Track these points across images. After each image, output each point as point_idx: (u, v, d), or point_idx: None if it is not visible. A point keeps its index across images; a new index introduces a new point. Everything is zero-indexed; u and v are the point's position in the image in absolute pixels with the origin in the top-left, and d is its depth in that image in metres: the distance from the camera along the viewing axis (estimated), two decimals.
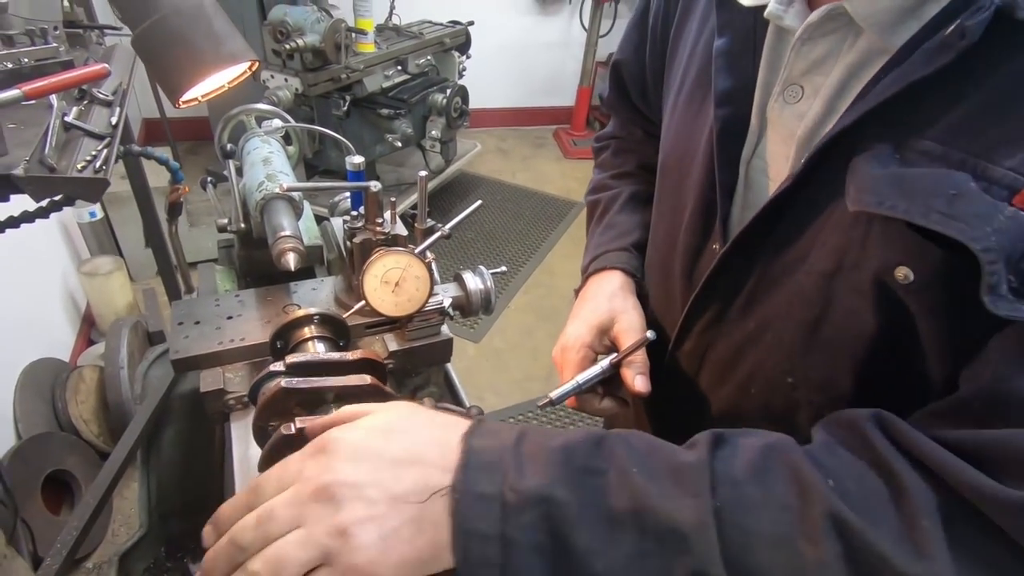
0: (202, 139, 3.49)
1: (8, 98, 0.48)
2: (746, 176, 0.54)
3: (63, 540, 0.92)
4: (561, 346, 0.69)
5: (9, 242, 1.33)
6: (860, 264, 0.44)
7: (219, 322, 0.75)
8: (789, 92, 0.49)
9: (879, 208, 0.40)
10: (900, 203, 0.39)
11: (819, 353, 0.49)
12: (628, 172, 0.84)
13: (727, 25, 0.52)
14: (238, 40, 0.64)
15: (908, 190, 0.39)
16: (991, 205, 0.36)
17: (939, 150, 0.39)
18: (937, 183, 0.38)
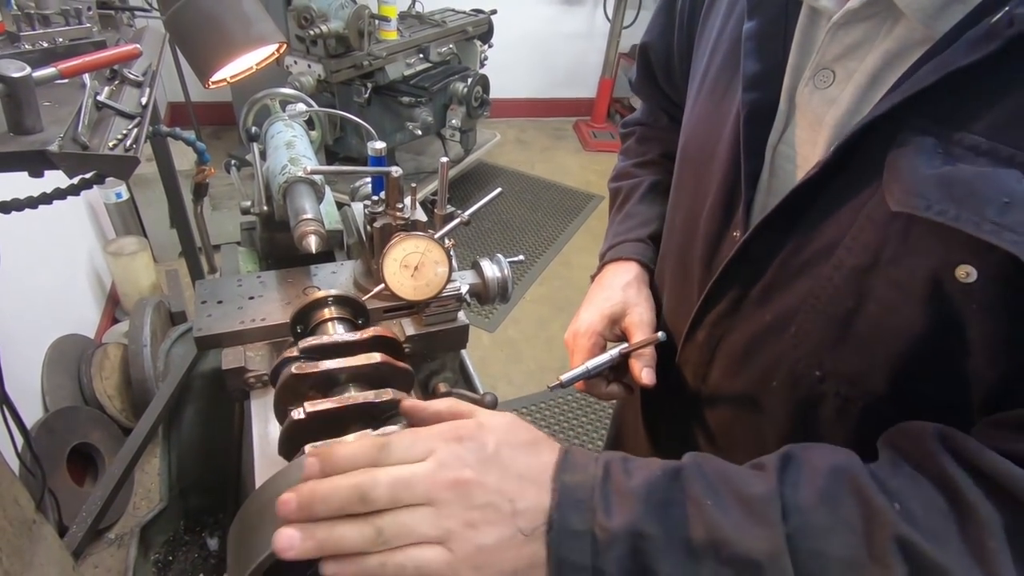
0: (224, 124, 3.53)
1: (45, 76, 0.49)
2: (771, 162, 0.53)
3: (88, 509, 0.95)
4: (573, 331, 0.72)
5: (39, 221, 1.37)
6: (900, 260, 0.42)
7: (241, 302, 0.76)
8: (820, 77, 0.47)
9: (927, 213, 0.39)
10: (950, 208, 0.38)
11: (851, 347, 0.48)
12: (651, 161, 0.83)
13: (757, 7, 0.51)
14: (267, 22, 0.65)
15: (959, 195, 0.38)
16: None
17: (986, 145, 0.37)
18: (989, 187, 0.37)
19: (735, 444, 0.61)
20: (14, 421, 0.96)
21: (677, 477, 0.41)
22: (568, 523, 0.39)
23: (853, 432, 0.50)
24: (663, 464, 0.42)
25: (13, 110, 0.48)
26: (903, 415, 0.45)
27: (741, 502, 0.39)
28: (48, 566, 0.68)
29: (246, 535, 0.41)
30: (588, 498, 0.40)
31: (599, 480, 0.41)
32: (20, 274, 1.57)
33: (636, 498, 0.40)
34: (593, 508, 0.39)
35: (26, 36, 0.65)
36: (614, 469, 0.42)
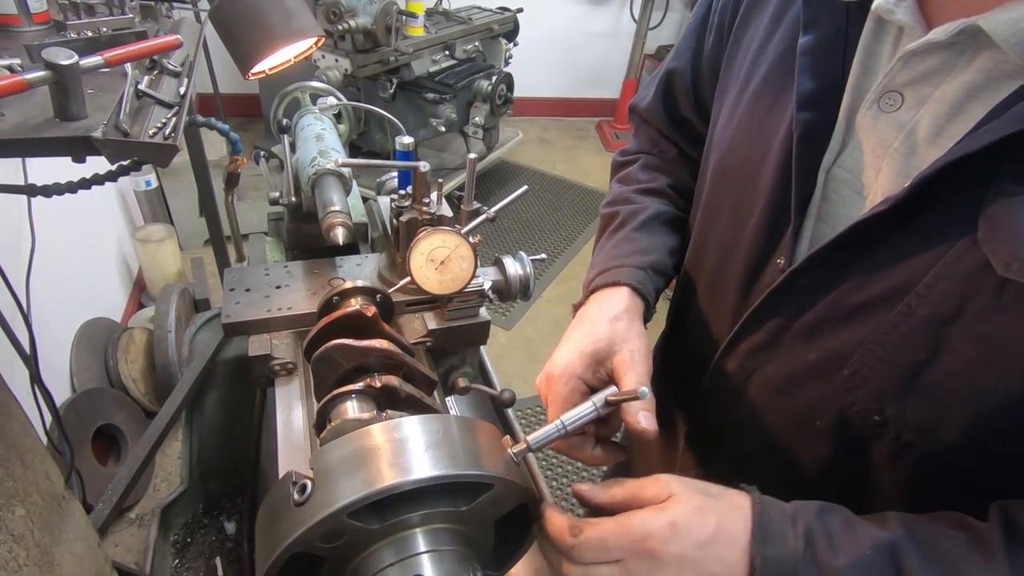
0: (251, 116, 3.58)
1: (91, 64, 0.51)
2: (824, 186, 0.49)
3: (114, 488, 0.98)
4: (547, 373, 0.57)
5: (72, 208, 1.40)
6: (990, 315, 0.38)
7: (268, 291, 0.77)
8: (886, 99, 0.44)
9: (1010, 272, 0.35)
10: None
11: (923, 397, 0.43)
12: (656, 189, 0.74)
13: (814, 21, 0.48)
14: (307, 15, 0.66)
15: None
16: None
17: None
18: None
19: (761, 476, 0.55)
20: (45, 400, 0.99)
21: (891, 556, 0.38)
22: None
23: (908, 475, 0.47)
24: (873, 537, 0.39)
25: (60, 97, 0.50)
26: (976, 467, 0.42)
27: None
28: (75, 541, 0.70)
29: (273, 519, 0.42)
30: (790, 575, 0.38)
31: (800, 555, 0.39)
32: (54, 258, 1.61)
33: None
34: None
35: (72, 25, 0.67)
36: (817, 542, 0.39)
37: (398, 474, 0.40)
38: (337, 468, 0.41)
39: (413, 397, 0.55)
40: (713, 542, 0.40)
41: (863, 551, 0.38)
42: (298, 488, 0.41)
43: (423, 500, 0.44)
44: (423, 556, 0.43)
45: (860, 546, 0.39)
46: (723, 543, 0.40)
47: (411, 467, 0.41)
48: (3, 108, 0.51)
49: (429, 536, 0.44)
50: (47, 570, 0.62)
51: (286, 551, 0.39)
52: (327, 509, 0.39)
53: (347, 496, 0.39)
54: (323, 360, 0.56)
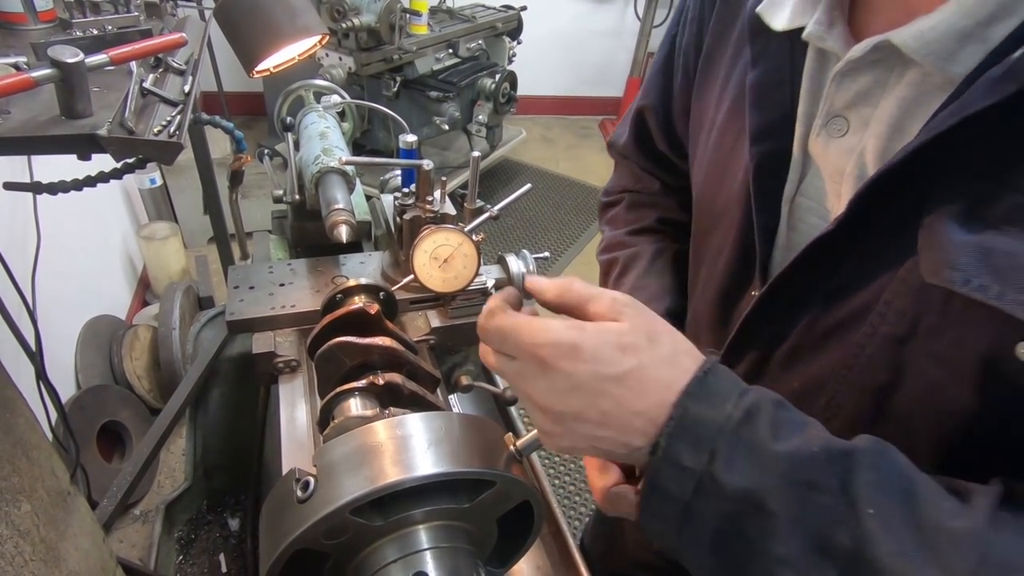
0: (254, 114, 3.59)
1: (97, 62, 0.51)
2: (789, 216, 0.49)
3: (119, 484, 0.98)
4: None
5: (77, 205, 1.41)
6: (942, 332, 0.37)
7: (272, 288, 0.78)
8: (833, 125, 0.44)
9: (964, 288, 0.34)
10: (992, 285, 0.33)
11: (892, 424, 0.42)
12: (647, 228, 0.74)
13: (761, 55, 0.48)
14: (312, 13, 0.67)
15: (999, 268, 0.33)
16: None
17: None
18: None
19: None
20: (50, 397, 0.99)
21: (842, 460, 0.34)
22: (677, 457, 0.35)
23: None
24: (826, 438, 0.35)
25: (66, 95, 0.50)
26: None
27: (921, 529, 0.32)
28: (81, 537, 0.70)
29: (278, 516, 0.42)
30: (711, 438, 0.35)
31: (734, 424, 0.35)
32: (59, 256, 1.62)
33: (772, 468, 0.34)
34: (713, 453, 0.35)
35: (77, 23, 0.67)
36: (759, 419, 0.36)
37: (401, 471, 0.41)
38: (340, 465, 0.42)
39: (416, 395, 0.56)
40: (619, 382, 0.37)
41: (810, 445, 0.34)
42: (301, 485, 0.41)
43: (426, 497, 0.44)
44: (426, 553, 0.43)
45: (808, 442, 0.35)
46: (633, 389, 0.37)
47: (414, 464, 0.41)
48: (9, 106, 0.52)
49: (432, 533, 0.44)
50: (52, 565, 0.62)
51: (290, 547, 0.39)
52: (330, 506, 0.39)
53: (350, 493, 0.39)
54: (327, 357, 0.57)
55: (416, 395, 0.56)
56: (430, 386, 0.61)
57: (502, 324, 0.40)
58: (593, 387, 0.37)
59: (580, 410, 0.38)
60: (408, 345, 0.62)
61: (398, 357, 0.58)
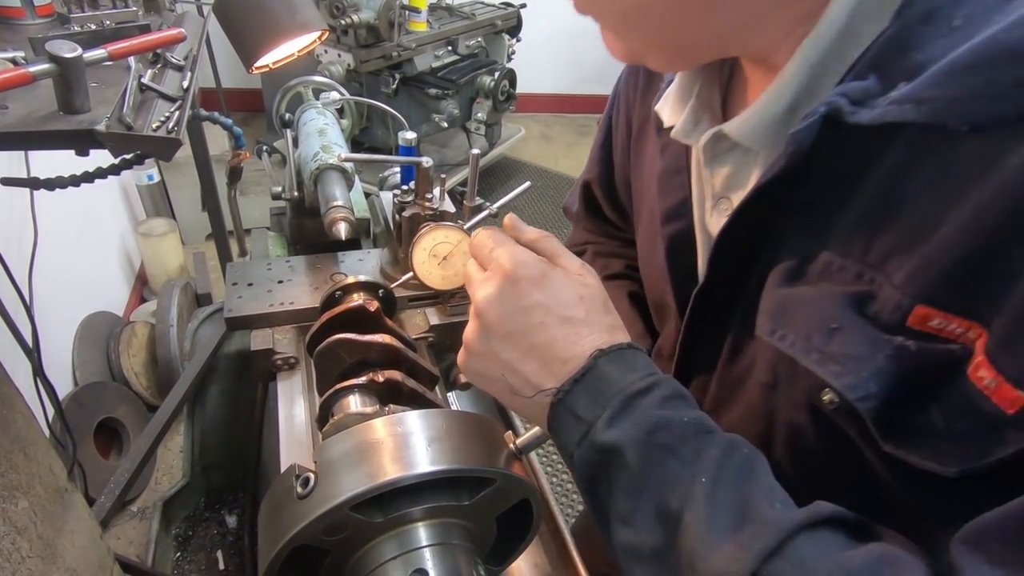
0: (253, 110, 3.58)
1: (95, 57, 0.51)
2: None
3: (116, 481, 0.98)
4: None
5: (75, 202, 1.41)
6: (793, 380, 0.40)
7: (270, 285, 0.78)
8: (721, 205, 0.47)
9: (771, 338, 0.37)
10: (788, 334, 0.36)
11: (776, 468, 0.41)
12: (617, 274, 0.75)
13: (665, 147, 0.53)
14: (311, 9, 0.66)
15: (792, 318, 0.36)
16: (872, 343, 0.32)
17: (838, 262, 0.35)
18: (819, 313, 0.34)
19: None
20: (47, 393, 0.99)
21: (700, 436, 0.36)
22: (574, 405, 0.38)
23: None
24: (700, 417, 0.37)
25: (64, 90, 0.50)
26: None
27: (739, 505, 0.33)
28: (78, 533, 0.70)
29: (277, 512, 0.42)
30: (609, 396, 0.37)
31: (632, 391, 0.37)
32: (56, 252, 1.62)
33: (644, 423, 0.36)
34: (604, 408, 0.37)
35: (75, 18, 0.67)
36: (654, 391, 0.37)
37: (401, 468, 0.41)
38: (340, 461, 0.42)
39: (415, 392, 0.56)
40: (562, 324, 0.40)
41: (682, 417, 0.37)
42: (301, 481, 0.41)
43: (426, 494, 0.44)
44: (425, 550, 0.43)
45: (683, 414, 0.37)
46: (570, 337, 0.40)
47: (414, 461, 0.41)
48: (7, 101, 0.51)
49: (431, 530, 0.44)
50: (50, 562, 0.62)
51: (289, 543, 0.39)
52: (330, 502, 0.39)
53: (350, 489, 0.39)
54: (326, 354, 0.56)
55: (415, 393, 0.56)
56: (429, 384, 0.60)
57: (492, 235, 0.46)
58: (537, 317, 0.40)
59: (515, 333, 0.41)
60: (407, 343, 0.62)
61: (397, 354, 0.58)
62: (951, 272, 0.30)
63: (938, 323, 0.31)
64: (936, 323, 0.31)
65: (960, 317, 0.30)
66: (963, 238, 0.29)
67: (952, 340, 0.31)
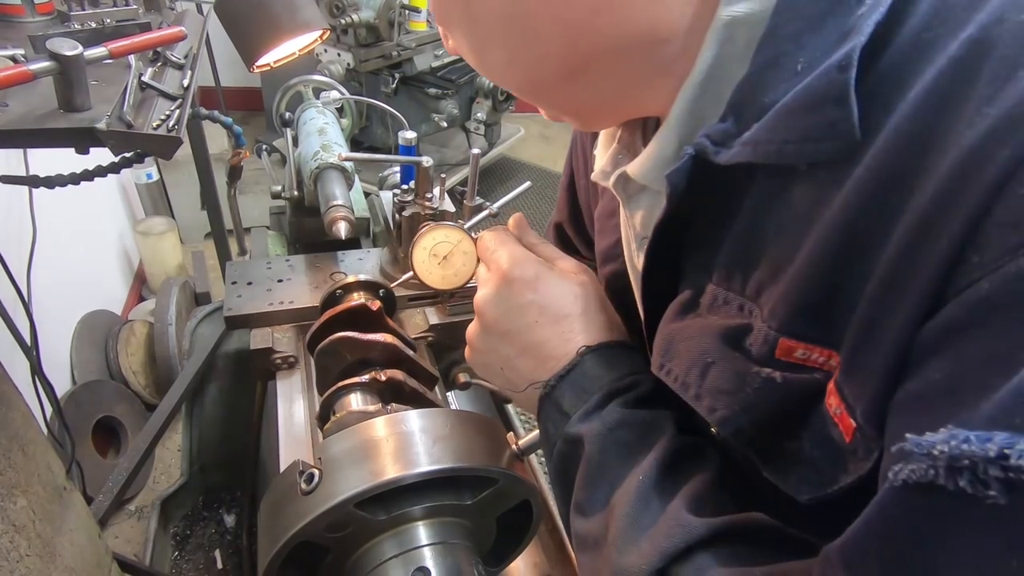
0: (252, 109, 3.57)
1: (96, 56, 0.51)
2: None
3: (114, 480, 0.98)
4: None
5: (73, 200, 1.40)
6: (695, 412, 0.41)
7: (270, 284, 0.78)
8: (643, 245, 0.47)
9: (659, 372, 0.38)
10: (673, 369, 0.37)
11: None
12: None
13: (602, 191, 0.54)
14: (312, 8, 0.66)
15: (678, 353, 0.37)
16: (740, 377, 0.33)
17: (722, 295, 0.36)
18: (698, 347, 0.36)
19: None
20: (46, 392, 0.99)
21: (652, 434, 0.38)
22: (559, 398, 0.40)
23: None
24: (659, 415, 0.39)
25: (64, 88, 0.49)
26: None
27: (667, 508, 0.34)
28: (76, 532, 0.70)
29: (279, 508, 0.42)
30: (591, 392, 0.39)
31: (613, 388, 0.39)
32: (55, 250, 1.61)
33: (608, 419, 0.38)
34: (585, 403, 0.39)
35: (76, 16, 0.66)
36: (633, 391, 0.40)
37: (406, 466, 0.41)
38: (345, 459, 0.42)
39: (416, 392, 0.56)
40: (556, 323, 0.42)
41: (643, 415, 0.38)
42: (305, 477, 0.41)
43: (428, 493, 0.44)
44: (426, 549, 0.43)
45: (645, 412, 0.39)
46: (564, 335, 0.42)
47: (419, 460, 0.41)
48: (7, 99, 0.51)
49: (433, 529, 0.44)
50: (48, 560, 0.62)
51: (293, 539, 0.39)
52: (336, 498, 0.39)
53: (356, 486, 0.39)
54: (328, 352, 0.56)
55: (416, 392, 0.56)
56: (429, 384, 0.60)
57: (496, 236, 0.48)
58: (532, 317, 0.42)
59: (512, 331, 0.43)
60: (407, 342, 0.62)
61: (398, 354, 0.58)
62: (804, 304, 0.31)
63: (802, 353, 0.31)
64: (800, 354, 0.31)
65: (819, 346, 0.31)
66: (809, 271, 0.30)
67: (817, 368, 0.31)
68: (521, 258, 0.45)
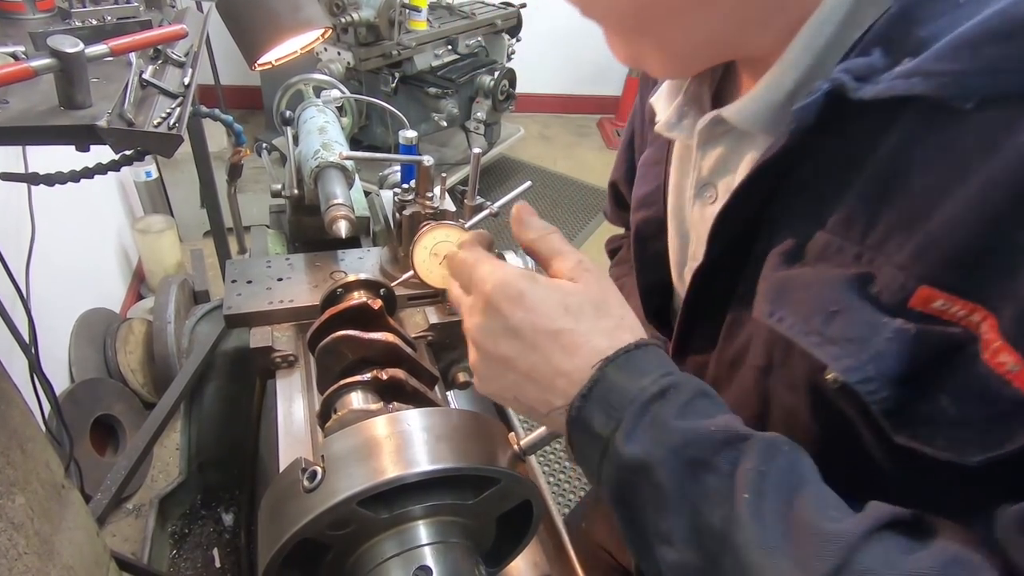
0: (251, 108, 3.57)
1: (97, 53, 0.51)
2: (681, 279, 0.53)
3: (113, 478, 0.98)
4: None
5: (72, 197, 1.40)
6: (788, 362, 0.39)
7: (270, 283, 0.77)
8: (704, 193, 0.48)
9: (769, 320, 0.37)
10: (787, 316, 0.36)
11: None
12: None
13: (654, 139, 0.54)
14: (315, 6, 0.66)
15: (792, 300, 0.36)
16: (871, 325, 0.32)
17: (837, 242, 0.34)
18: (819, 295, 0.34)
19: None
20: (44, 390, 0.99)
21: (738, 444, 0.33)
22: (589, 420, 0.36)
23: None
24: (730, 422, 0.35)
25: (65, 85, 0.49)
26: None
27: (791, 521, 0.30)
28: (75, 530, 0.70)
29: (281, 506, 0.42)
30: (621, 407, 0.35)
31: (646, 397, 0.35)
32: (53, 248, 1.61)
33: (668, 439, 0.34)
34: (620, 420, 0.35)
35: (76, 13, 0.66)
36: (672, 397, 0.35)
37: (409, 465, 0.41)
38: (348, 456, 0.42)
39: (417, 391, 0.56)
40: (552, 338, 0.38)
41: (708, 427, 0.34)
42: (308, 475, 0.41)
43: (430, 492, 0.44)
44: (427, 548, 0.43)
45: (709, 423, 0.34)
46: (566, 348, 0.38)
47: (422, 459, 0.41)
48: (8, 96, 0.51)
49: (434, 528, 0.44)
50: (47, 558, 0.62)
51: (295, 536, 0.39)
52: (339, 496, 0.39)
53: (359, 484, 0.39)
54: (329, 351, 0.56)
55: (417, 391, 0.56)
56: (429, 383, 0.60)
57: (467, 256, 0.43)
58: (527, 337, 0.39)
59: (511, 356, 0.39)
60: (408, 341, 0.62)
61: (399, 353, 0.58)
62: (955, 253, 0.29)
63: (941, 304, 0.30)
64: (939, 304, 0.30)
65: (964, 299, 0.29)
66: (968, 217, 0.29)
67: (954, 323, 0.30)
68: (501, 276, 0.40)
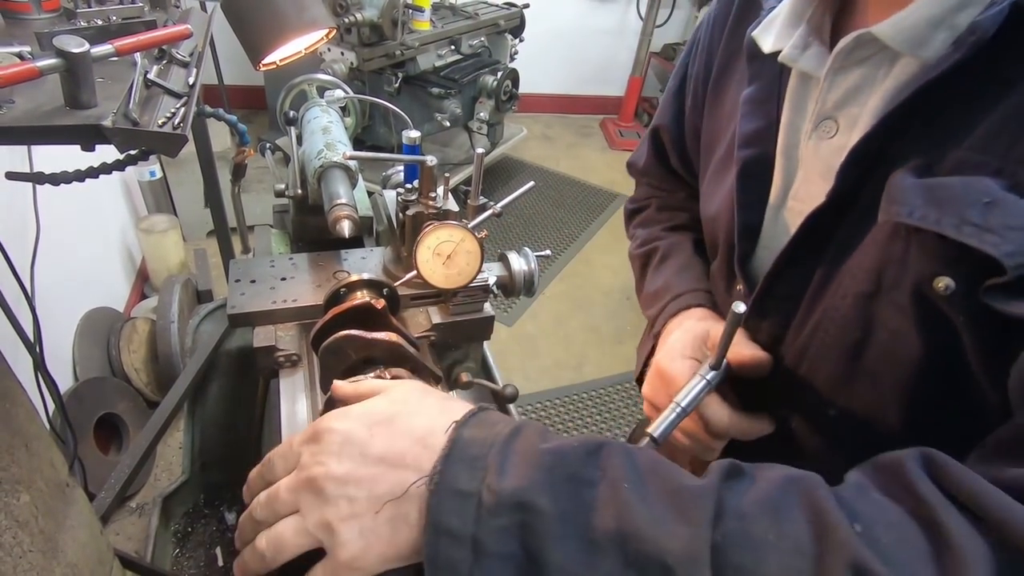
0: (255, 107, 3.58)
1: (102, 53, 0.51)
2: (775, 220, 0.53)
3: (116, 476, 0.98)
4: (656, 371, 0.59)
5: (77, 197, 1.41)
6: (900, 282, 0.41)
7: (273, 282, 0.78)
8: (823, 128, 0.48)
9: (909, 219, 0.38)
10: (931, 213, 0.37)
11: (863, 381, 0.46)
12: (682, 225, 0.77)
13: (756, 75, 0.53)
14: (319, 6, 0.67)
15: (939, 199, 0.37)
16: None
17: (975, 158, 0.37)
18: (970, 190, 0.36)
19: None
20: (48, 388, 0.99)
21: (597, 452, 0.35)
22: (454, 480, 0.34)
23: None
24: (583, 437, 0.36)
25: (71, 85, 0.50)
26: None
27: (668, 493, 0.33)
28: (79, 528, 0.70)
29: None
30: (484, 455, 0.34)
31: (503, 438, 0.35)
32: (58, 247, 1.62)
33: (539, 464, 0.34)
34: (486, 467, 0.34)
35: (82, 13, 0.67)
36: (527, 432, 0.36)
37: None
38: None
39: None
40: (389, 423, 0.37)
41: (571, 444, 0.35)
42: None
43: None
44: None
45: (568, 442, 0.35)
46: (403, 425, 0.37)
47: None
48: (13, 95, 0.51)
49: None
50: (51, 556, 0.62)
51: None
52: None
53: None
54: (332, 350, 0.56)
55: None
56: (433, 382, 0.61)
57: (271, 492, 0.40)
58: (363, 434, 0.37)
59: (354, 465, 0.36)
60: (411, 341, 0.62)
61: (403, 352, 0.58)
62: None
63: None
64: None
65: None
66: None
67: None
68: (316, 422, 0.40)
